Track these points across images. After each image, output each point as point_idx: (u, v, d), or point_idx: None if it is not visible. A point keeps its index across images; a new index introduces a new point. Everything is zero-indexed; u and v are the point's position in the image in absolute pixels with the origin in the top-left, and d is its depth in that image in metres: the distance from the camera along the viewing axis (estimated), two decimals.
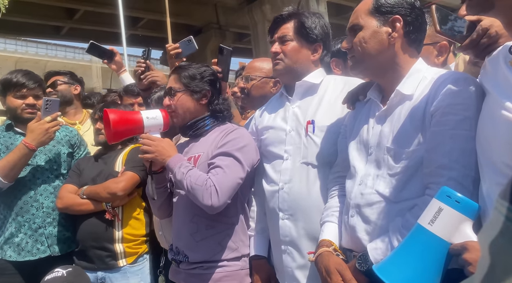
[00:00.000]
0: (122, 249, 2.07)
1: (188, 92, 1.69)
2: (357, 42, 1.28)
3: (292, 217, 1.56)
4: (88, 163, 2.23)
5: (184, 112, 1.69)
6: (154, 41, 19.41)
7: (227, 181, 1.53)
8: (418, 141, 1.18)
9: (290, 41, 1.62)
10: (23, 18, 15.10)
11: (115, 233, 2.08)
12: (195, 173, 1.54)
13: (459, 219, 0.95)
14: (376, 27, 1.26)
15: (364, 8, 1.30)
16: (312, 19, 1.63)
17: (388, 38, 1.26)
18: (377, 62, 1.28)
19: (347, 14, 16.23)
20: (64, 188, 2.15)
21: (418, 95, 1.23)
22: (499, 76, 0.99)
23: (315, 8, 13.65)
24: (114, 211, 2.06)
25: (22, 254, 2.09)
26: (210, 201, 1.50)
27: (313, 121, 1.56)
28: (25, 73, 2.18)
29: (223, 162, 1.56)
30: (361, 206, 1.26)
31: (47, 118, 2.03)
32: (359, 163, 1.33)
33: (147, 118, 1.61)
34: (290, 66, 1.62)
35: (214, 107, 1.73)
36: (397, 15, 1.25)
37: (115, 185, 2.04)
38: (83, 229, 2.10)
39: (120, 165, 2.15)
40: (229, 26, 18.03)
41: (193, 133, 1.73)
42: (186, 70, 1.72)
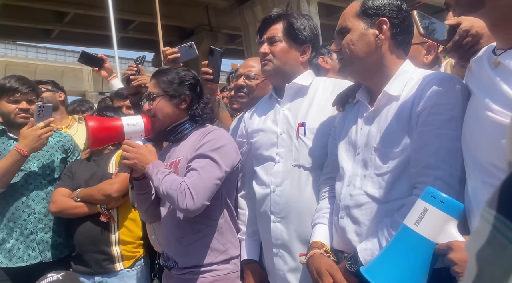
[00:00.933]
0: (120, 252, 2.07)
1: (167, 97, 1.68)
2: (345, 44, 1.30)
3: (283, 220, 1.56)
4: (80, 165, 2.22)
5: (163, 117, 1.69)
6: (145, 43, 19.38)
7: (202, 183, 1.52)
8: (405, 141, 1.20)
9: (279, 42, 1.62)
10: (12, 22, 14.98)
11: (111, 235, 2.07)
12: (171, 178, 1.54)
13: (444, 219, 0.97)
14: (363, 29, 1.28)
15: (351, 11, 1.32)
16: (301, 21, 1.64)
17: (375, 40, 1.27)
18: (364, 64, 1.30)
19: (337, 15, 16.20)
20: (57, 191, 2.14)
21: (405, 95, 1.25)
22: (483, 77, 1.01)
23: (306, 9, 13.70)
24: (109, 213, 2.06)
25: (14, 260, 2.08)
26: (185, 205, 1.49)
27: (304, 123, 1.57)
28: (18, 78, 2.18)
29: (198, 164, 1.56)
30: (350, 208, 1.27)
31: (39, 124, 2.03)
32: (347, 163, 1.35)
33: (128, 124, 1.60)
34: (279, 67, 1.63)
35: (193, 111, 1.72)
36: (384, 17, 1.27)
37: (110, 187, 2.04)
38: (79, 233, 2.09)
39: (113, 167, 2.15)
40: (221, 27, 18.05)
41: (174, 137, 1.73)
42: (165, 74, 1.71)
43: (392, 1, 1.30)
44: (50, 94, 2.78)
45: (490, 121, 0.94)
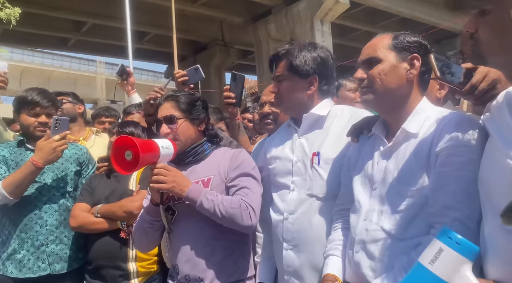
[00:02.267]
0: (135, 269, 2.08)
1: (189, 119, 1.71)
2: (376, 74, 1.31)
3: (295, 248, 1.57)
4: (100, 181, 2.24)
5: (186, 139, 1.70)
6: (159, 55, 19.66)
7: (256, 199, 1.61)
8: (423, 179, 1.21)
9: (283, 80, 1.67)
10: (32, 29, 15.32)
11: (129, 251, 2.08)
12: (226, 198, 1.57)
13: (460, 261, 0.96)
14: (396, 62, 1.30)
15: (382, 43, 1.33)
16: (301, 55, 1.64)
17: (406, 74, 1.30)
18: (393, 96, 1.31)
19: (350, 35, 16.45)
20: (77, 206, 2.16)
21: (423, 134, 1.26)
22: (503, 123, 1.02)
23: (319, 28, 13.85)
24: (129, 230, 2.07)
25: (23, 271, 2.09)
26: (250, 221, 1.55)
27: (319, 153, 1.58)
28: (40, 91, 2.22)
29: (246, 182, 1.62)
30: (366, 242, 1.28)
31: (55, 137, 2.06)
32: (363, 197, 1.36)
33: (162, 147, 1.58)
34: (287, 104, 1.68)
35: (210, 132, 1.78)
36: (416, 54, 1.30)
37: (132, 204, 2.06)
38: (96, 247, 2.11)
39: (134, 184, 2.17)
40: (234, 43, 18.28)
41: (193, 158, 1.74)
42: (182, 97, 1.74)
43: (421, 40, 1.34)
44: (70, 106, 2.84)
45: (510, 169, 0.94)
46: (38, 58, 27.17)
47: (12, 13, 7.76)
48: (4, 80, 2.26)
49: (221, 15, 16.23)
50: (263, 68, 15.75)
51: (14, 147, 2.22)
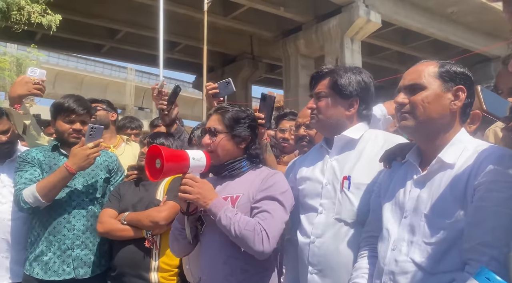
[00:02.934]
0: (157, 279, 2.09)
1: (230, 136, 1.71)
2: (419, 100, 1.29)
3: (320, 273, 1.55)
4: (129, 188, 2.28)
5: (223, 154, 1.71)
6: (189, 65, 20.06)
7: (275, 225, 1.54)
8: (458, 213, 1.17)
9: (324, 98, 1.66)
10: (69, 35, 15.93)
11: (152, 262, 2.10)
12: (243, 219, 1.54)
13: None
14: (440, 91, 1.28)
15: (427, 70, 1.31)
16: (347, 76, 1.65)
17: (450, 105, 1.28)
18: (433, 125, 1.29)
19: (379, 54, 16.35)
20: (104, 212, 2.20)
21: (460, 165, 1.23)
22: None
23: (349, 47, 13.84)
24: (153, 239, 2.09)
25: (49, 273, 2.13)
26: (262, 247, 1.49)
27: (350, 177, 1.57)
28: (76, 99, 2.29)
29: (269, 206, 1.57)
30: (395, 274, 1.25)
31: (89, 144, 2.11)
32: (392, 226, 1.33)
33: (193, 159, 1.60)
34: (324, 121, 1.67)
35: (251, 151, 1.75)
36: (461, 85, 1.28)
37: (158, 214, 2.07)
38: (121, 255, 2.13)
39: (161, 194, 2.19)
40: (262, 57, 18.48)
41: (229, 173, 1.74)
42: (229, 112, 1.74)
43: (467, 72, 1.31)
44: (103, 113, 2.92)
45: None
46: (72, 62, 28.19)
47: (53, 20, 8.14)
48: (41, 87, 2.31)
49: (251, 29, 16.48)
50: (290, 82, 15.83)
51: (48, 151, 2.29)
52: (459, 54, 13.31)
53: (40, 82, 2.29)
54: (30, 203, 2.06)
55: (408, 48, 17.70)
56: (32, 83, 2.25)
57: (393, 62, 18.78)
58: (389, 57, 19.05)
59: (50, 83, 25.38)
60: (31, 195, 2.05)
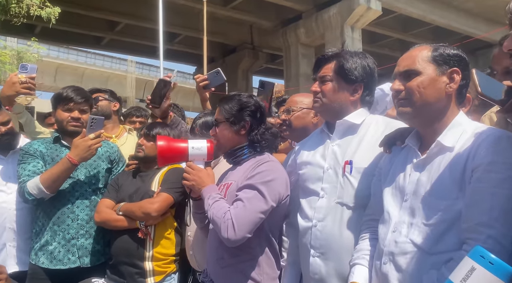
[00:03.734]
0: (151, 268, 2.13)
1: (227, 124, 1.76)
2: (414, 86, 1.29)
3: (323, 256, 1.57)
4: (127, 179, 2.31)
5: (224, 142, 1.77)
6: (189, 56, 19.98)
7: (245, 215, 1.54)
8: (456, 194, 1.19)
9: (329, 82, 1.65)
10: (68, 28, 15.88)
11: (146, 252, 2.14)
12: (218, 205, 1.59)
13: (492, 281, 0.94)
14: (435, 75, 1.28)
15: (421, 55, 1.31)
16: (353, 60, 1.65)
17: (445, 88, 1.28)
18: (431, 110, 1.29)
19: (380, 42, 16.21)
20: (102, 202, 2.24)
21: (459, 148, 1.24)
22: None
23: (350, 35, 13.74)
24: (146, 230, 2.12)
25: (54, 262, 2.17)
26: (226, 234, 1.52)
27: (351, 161, 1.57)
28: (75, 89, 2.31)
29: (246, 194, 1.59)
30: (394, 254, 1.26)
31: (90, 135, 2.13)
32: (393, 209, 1.34)
33: (192, 148, 1.70)
34: (328, 105, 1.66)
35: (252, 137, 1.77)
36: (456, 67, 1.28)
37: (150, 206, 2.10)
38: (117, 244, 2.18)
39: (156, 185, 2.21)
40: (263, 47, 18.38)
41: (232, 160, 1.80)
42: (226, 102, 1.79)
43: (461, 53, 1.31)
44: (105, 104, 2.91)
45: None
46: (73, 55, 28.13)
47: (52, 12, 8.11)
48: (30, 86, 2.18)
49: (251, 19, 16.36)
50: (290, 72, 15.76)
51: (50, 143, 2.31)
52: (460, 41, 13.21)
53: (28, 81, 2.17)
54: (35, 195, 2.08)
55: (409, 36, 17.55)
56: (19, 83, 2.16)
57: (394, 50, 18.63)
58: (390, 45, 18.90)
59: (51, 76, 25.36)
60: (35, 186, 2.08)
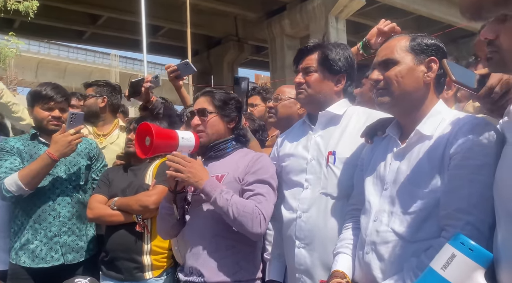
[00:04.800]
0: (150, 262, 2.11)
1: (220, 115, 1.76)
2: (392, 76, 1.29)
3: (308, 246, 1.57)
4: (117, 173, 2.27)
5: (213, 133, 1.75)
6: (173, 49, 19.77)
7: (269, 208, 1.62)
8: (435, 182, 1.20)
9: (313, 72, 1.65)
10: (48, 22, 15.53)
11: (144, 245, 2.11)
12: (240, 201, 1.58)
13: (472, 267, 0.95)
14: (413, 64, 1.29)
15: (399, 44, 1.32)
16: (336, 51, 1.66)
17: (423, 77, 1.28)
18: (409, 99, 1.30)
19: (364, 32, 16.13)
20: (93, 198, 2.20)
21: (437, 136, 1.25)
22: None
23: (334, 26, 13.76)
24: (144, 223, 2.10)
25: (36, 261, 2.14)
26: (259, 229, 1.56)
27: (334, 152, 1.58)
28: (54, 86, 2.26)
29: (262, 189, 1.63)
30: (376, 244, 1.27)
31: (71, 131, 2.09)
32: (374, 198, 1.35)
33: (182, 138, 1.64)
34: (313, 96, 1.66)
35: (238, 131, 1.81)
36: (433, 56, 1.28)
37: (147, 198, 2.08)
38: (112, 240, 2.14)
39: (150, 178, 2.18)
40: (248, 38, 18.27)
41: (215, 153, 1.78)
42: (218, 94, 1.80)
43: (438, 42, 1.32)
44: (92, 101, 2.76)
45: None
46: (54, 50, 27.55)
47: (30, 6, 7.91)
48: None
49: (235, 10, 16.22)
50: (276, 64, 15.72)
51: (27, 139, 2.27)
52: (442, 29, 13.33)
53: None
54: (13, 192, 2.04)
55: None
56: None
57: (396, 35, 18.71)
58: None
59: (32, 72, 24.86)
60: (14, 183, 2.03)
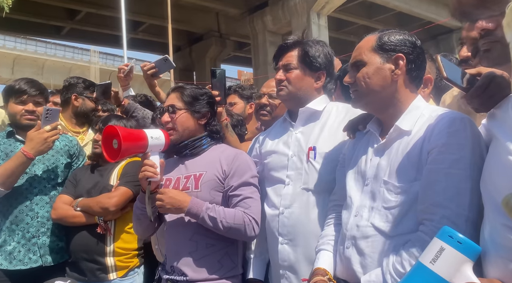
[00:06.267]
0: (113, 263, 2.07)
1: (190, 112, 1.73)
2: (361, 77, 1.32)
3: (291, 242, 1.58)
4: (84, 174, 2.23)
5: (183, 130, 1.72)
6: (154, 45, 19.52)
7: (258, 208, 1.65)
8: (414, 177, 1.21)
9: (294, 69, 1.65)
10: (25, 17, 15.12)
11: (106, 247, 2.08)
12: (228, 213, 1.58)
13: (461, 260, 0.96)
14: (380, 63, 1.30)
15: (367, 45, 1.34)
16: (316, 48, 1.66)
17: (391, 75, 1.30)
18: (379, 97, 1.32)
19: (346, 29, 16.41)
20: (59, 198, 2.15)
21: (416, 131, 1.26)
22: (507, 122, 1.01)
23: (316, 22, 13.81)
24: (106, 225, 2.06)
25: (14, 263, 2.08)
26: (253, 233, 1.60)
27: (315, 147, 1.59)
28: (28, 80, 2.19)
29: (247, 191, 1.64)
30: (356, 238, 1.28)
31: (46, 127, 2.03)
32: (355, 193, 1.36)
33: (151, 137, 1.60)
34: (294, 93, 1.66)
35: (211, 127, 1.78)
36: (400, 53, 1.30)
37: (108, 200, 2.04)
38: (75, 241, 2.10)
39: (115, 179, 2.15)
40: (230, 34, 18.18)
41: (190, 151, 1.75)
42: (188, 90, 1.76)
43: (407, 37, 1.33)
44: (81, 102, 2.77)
45: (510, 165, 0.94)
46: (31, 46, 26.80)
47: (5, 1, 7.68)
48: None
49: (217, 6, 16.11)
50: (258, 60, 15.69)
51: (3, 137, 2.19)
52: (422, 26, 13.54)
53: None
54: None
55: (373, 22, 17.81)
56: None
57: (359, 36, 18.80)
58: (355, 31, 19.13)
59: (8, 69, 24.18)
60: None
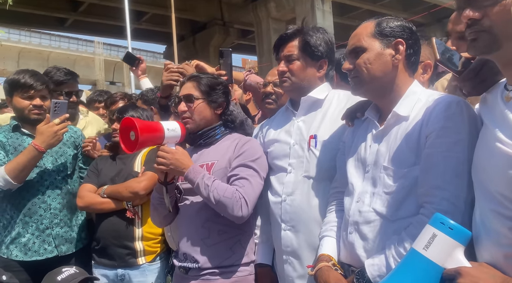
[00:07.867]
0: (142, 247, 2.14)
1: (207, 101, 1.75)
2: (362, 63, 1.33)
3: (293, 229, 1.62)
4: (106, 163, 2.29)
5: (200, 119, 1.74)
6: (158, 35, 19.43)
7: (253, 192, 1.62)
8: (413, 161, 1.24)
9: (296, 60, 1.66)
10: (28, 9, 15.09)
11: (136, 231, 2.14)
12: (221, 186, 1.59)
13: (452, 245, 1.00)
14: (380, 49, 1.32)
15: (366, 31, 1.34)
16: (316, 36, 1.66)
17: (392, 60, 1.31)
18: (380, 83, 1.33)
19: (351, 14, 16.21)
20: (83, 187, 2.21)
21: (413, 116, 1.29)
22: (495, 109, 1.04)
23: (320, 7, 13.64)
24: (134, 210, 2.13)
25: (29, 254, 2.14)
26: (240, 213, 1.57)
27: (316, 135, 1.61)
28: (32, 74, 2.20)
29: (245, 173, 1.63)
30: (359, 224, 1.32)
31: (55, 121, 2.06)
32: (356, 180, 1.39)
33: (168, 129, 1.63)
34: (297, 84, 1.68)
35: (226, 117, 1.80)
36: (400, 38, 1.31)
37: (137, 184, 2.10)
38: (103, 227, 2.17)
39: (139, 166, 2.21)
40: (233, 22, 18.01)
41: (204, 141, 1.78)
42: (204, 79, 1.77)
43: (405, 23, 1.34)
44: None
45: (499, 152, 0.97)
46: (36, 39, 26.84)
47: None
48: None
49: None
50: (263, 48, 15.58)
51: (9, 131, 2.21)
52: (428, 9, 13.33)
53: None
54: (1, 186, 2.02)
55: (378, 6, 17.56)
56: None
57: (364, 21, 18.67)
58: (360, 16, 18.86)
59: (14, 62, 24.27)
60: (1, 178, 2.02)
